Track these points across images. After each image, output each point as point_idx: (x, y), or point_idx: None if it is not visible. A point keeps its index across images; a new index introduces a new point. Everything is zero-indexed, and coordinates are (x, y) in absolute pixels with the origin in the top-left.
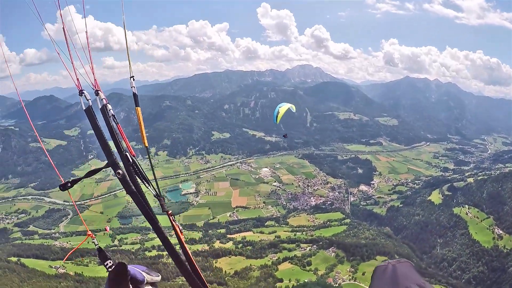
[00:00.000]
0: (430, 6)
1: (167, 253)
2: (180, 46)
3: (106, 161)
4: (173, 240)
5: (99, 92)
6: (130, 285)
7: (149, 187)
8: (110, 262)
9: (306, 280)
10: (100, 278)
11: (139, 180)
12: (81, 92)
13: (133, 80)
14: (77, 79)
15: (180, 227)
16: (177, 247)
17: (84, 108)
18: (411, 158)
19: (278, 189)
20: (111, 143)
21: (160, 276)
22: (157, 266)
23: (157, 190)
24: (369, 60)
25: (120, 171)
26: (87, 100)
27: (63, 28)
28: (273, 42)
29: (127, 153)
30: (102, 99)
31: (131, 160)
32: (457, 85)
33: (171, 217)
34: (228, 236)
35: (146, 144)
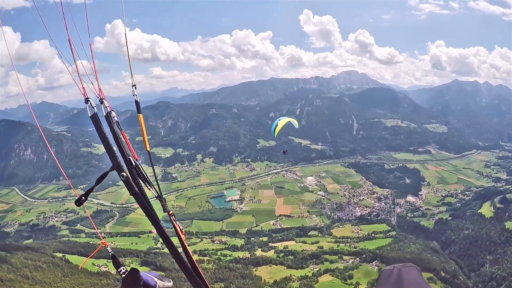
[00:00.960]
0: (475, 4)
1: (171, 252)
2: (225, 55)
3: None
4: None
5: (103, 100)
6: None
7: (151, 189)
8: (123, 269)
9: None
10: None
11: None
12: (86, 100)
13: (135, 88)
14: (83, 87)
15: (181, 227)
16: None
17: (89, 115)
18: (461, 167)
19: (323, 199)
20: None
21: (172, 282)
22: None
23: (158, 192)
24: (415, 64)
25: (124, 174)
26: (93, 107)
27: (69, 40)
28: (317, 49)
29: (130, 157)
30: (106, 107)
31: (134, 164)
32: (508, 88)
33: (172, 217)
34: (270, 244)
35: (148, 148)
